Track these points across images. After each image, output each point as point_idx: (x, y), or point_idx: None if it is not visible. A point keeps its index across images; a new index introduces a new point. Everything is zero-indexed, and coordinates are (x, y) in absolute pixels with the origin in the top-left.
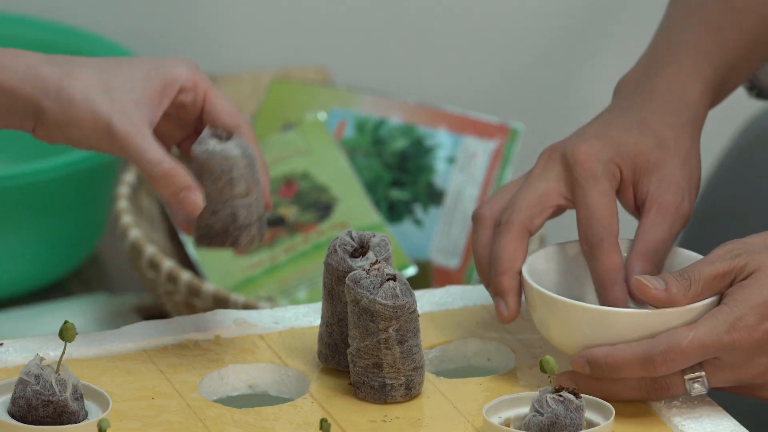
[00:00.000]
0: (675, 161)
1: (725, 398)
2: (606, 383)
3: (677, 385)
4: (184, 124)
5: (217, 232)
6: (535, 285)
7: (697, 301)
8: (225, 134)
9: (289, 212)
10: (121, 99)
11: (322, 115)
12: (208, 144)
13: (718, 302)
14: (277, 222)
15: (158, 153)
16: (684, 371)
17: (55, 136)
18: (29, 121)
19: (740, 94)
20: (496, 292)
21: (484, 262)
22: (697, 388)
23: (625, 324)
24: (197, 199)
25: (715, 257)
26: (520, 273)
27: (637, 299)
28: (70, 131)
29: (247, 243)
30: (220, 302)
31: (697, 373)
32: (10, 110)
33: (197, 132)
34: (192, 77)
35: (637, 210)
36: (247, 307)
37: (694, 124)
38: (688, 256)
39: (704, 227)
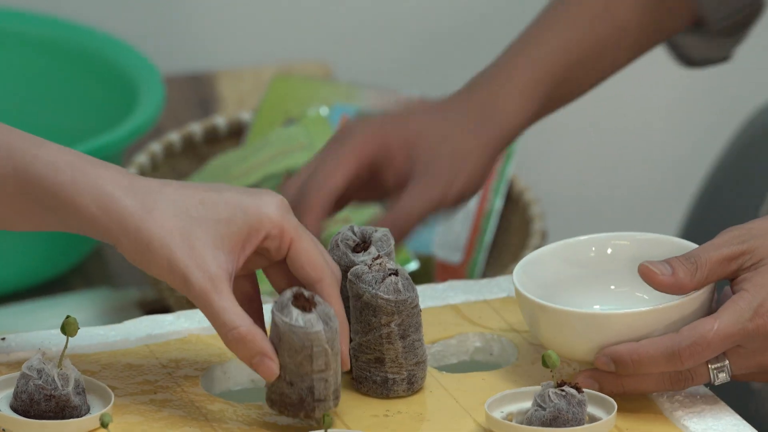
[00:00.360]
0: (452, 146)
1: (727, 394)
2: (629, 379)
3: (702, 375)
4: (266, 260)
5: (293, 403)
6: (525, 293)
7: (702, 287)
8: (308, 298)
9: None
10: (200, 249)
11: (324, 110)
12: (290, 314)
13: (714, 290)
14: None
15: (235, 315)
16: (708, 361)
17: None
18: (108, 241)
19: (741, 91)
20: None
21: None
22: (722, 377)
23: (619, 325)
24: (273, 367)
25: (721, 242)
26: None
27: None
28: (147, 269)
29: (320, 414)
30: None
31: (722, 363)
32: (87, 232)
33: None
34: (279, 223)
35: (398, 186)
36: None
37: (497, 137)
38: (685, 246)
39: (705, 225)
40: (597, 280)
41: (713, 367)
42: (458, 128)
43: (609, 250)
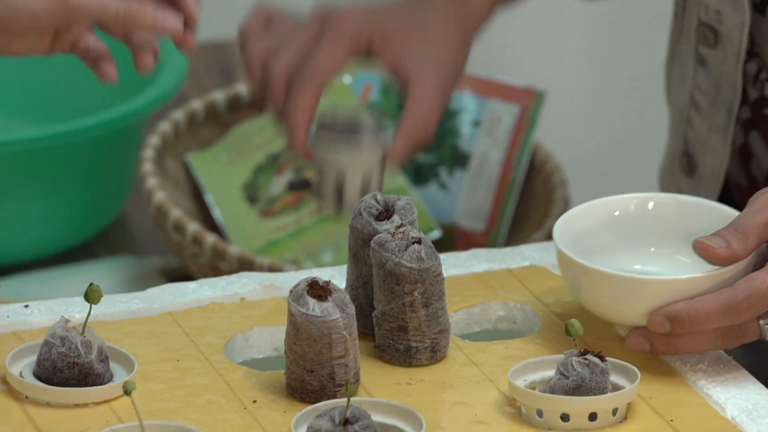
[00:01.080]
0: (439, 44)
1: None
2: (683, 339)
3: (753, 331)
4: None
5: (314, 390)
6: (567, 252)
7: (750, 253)
8: (323, 286)
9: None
10: None
11: (347, 79)
12: (307, 304)
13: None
14: (302, 185)
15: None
16: (759, 316)
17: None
18: None
19: None
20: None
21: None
22: None
23: (671, 290)
24: (177, 22)
25: (760, 206)
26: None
27: None
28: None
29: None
30: (245, 265)
31: None
32: None
33: None
34: None
35: (396, 78)
36: (272, 269)
37: (467, 22)
38: (722, 210)
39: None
40: (637, 240)
41: (764, 322)
42: (434, 19)
43: (651, 209)
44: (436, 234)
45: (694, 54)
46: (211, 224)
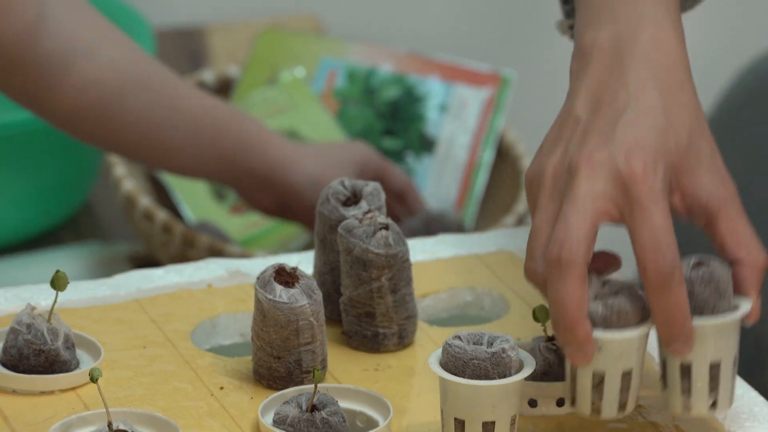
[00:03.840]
0: (707, 145)
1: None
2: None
3: None
4: None
5: (281, 376)
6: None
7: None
8: (290, 273)
9: None
10: None
11: (300, 71)
12: (274, 290)
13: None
14: None
15: None
16: None
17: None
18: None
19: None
20: (568, 343)
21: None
22: None
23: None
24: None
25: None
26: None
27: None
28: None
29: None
30: (216, 254)
31: None
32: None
33: None
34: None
35: (687, 212)
36: (242, 258)
37: (693, 87)
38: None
39: None
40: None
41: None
42: (685, 121)
43: None
44: None
45: None
46: (178, 211)
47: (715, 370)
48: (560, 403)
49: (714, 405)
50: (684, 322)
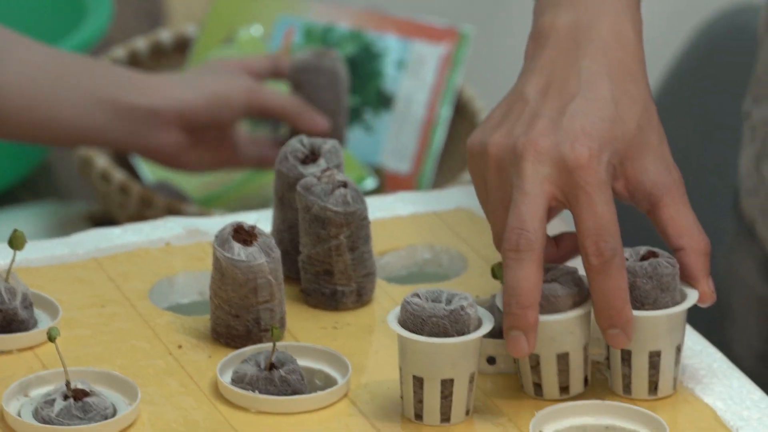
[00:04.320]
0: (655, 135)
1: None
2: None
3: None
4: None
5: (240, 335)
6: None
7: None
8: (248, 231)
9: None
10: None
11: (257, 30)
12: (232, 249)
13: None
14: None
15: None
16: None
17: None
18: None
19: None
20: (516, 326)
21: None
22: None
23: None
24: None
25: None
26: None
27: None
28: None
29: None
30: (174, 213)
31: None
32: None
33: None
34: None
35: (631, 198)
36: (200, 216)
37: (646, 80)
38: None
39: None
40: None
41: None
42: (634, 112)
43: None
44: (370, 183)
45: None
46: (136, 171)
47: (655, 358)
48: (517, 361)
49: (655, 389)
50: (622, 307)
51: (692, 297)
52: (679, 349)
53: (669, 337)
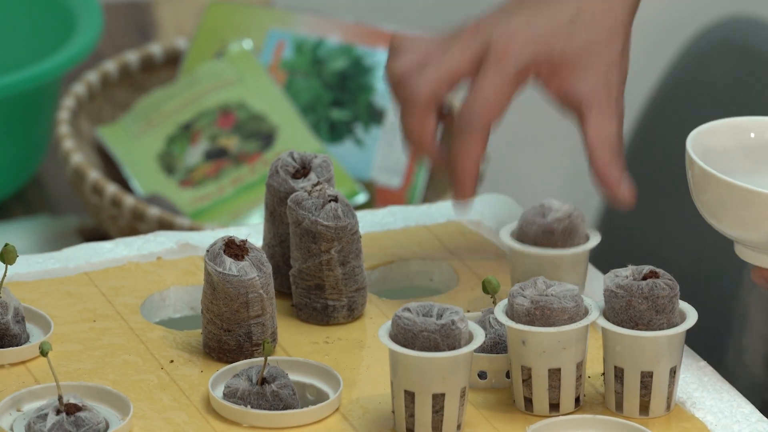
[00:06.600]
0: (605, 58)
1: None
2: None
3: None
4: None
5: (231, 349)
6: (705, 166)
7: None
8: (239, 245)
9: (231, 143)
10: None
11: (247, 44)
12: (223, 263)
13: None
14: (219, 153)
15: None
16: None
17: None
18: None
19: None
20: (459, 192)
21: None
22: None
23: None
24: None
25: None
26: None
27: None
28: None
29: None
30: (165, 227)
31: None
32: None
33: None
34: None
35: (562, 104)
36: (192, 230)
37: (626, 14)
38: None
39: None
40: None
41: None
42: (598, 36)
43: None
44: (361, 198)
45: None
46: (128, 186)
47: (647, 378)
48: (510, 375)
49: (646, 409)
50: (467, 169)
51: (690, 320)
52: (674, 372)
53: (662, 358)
